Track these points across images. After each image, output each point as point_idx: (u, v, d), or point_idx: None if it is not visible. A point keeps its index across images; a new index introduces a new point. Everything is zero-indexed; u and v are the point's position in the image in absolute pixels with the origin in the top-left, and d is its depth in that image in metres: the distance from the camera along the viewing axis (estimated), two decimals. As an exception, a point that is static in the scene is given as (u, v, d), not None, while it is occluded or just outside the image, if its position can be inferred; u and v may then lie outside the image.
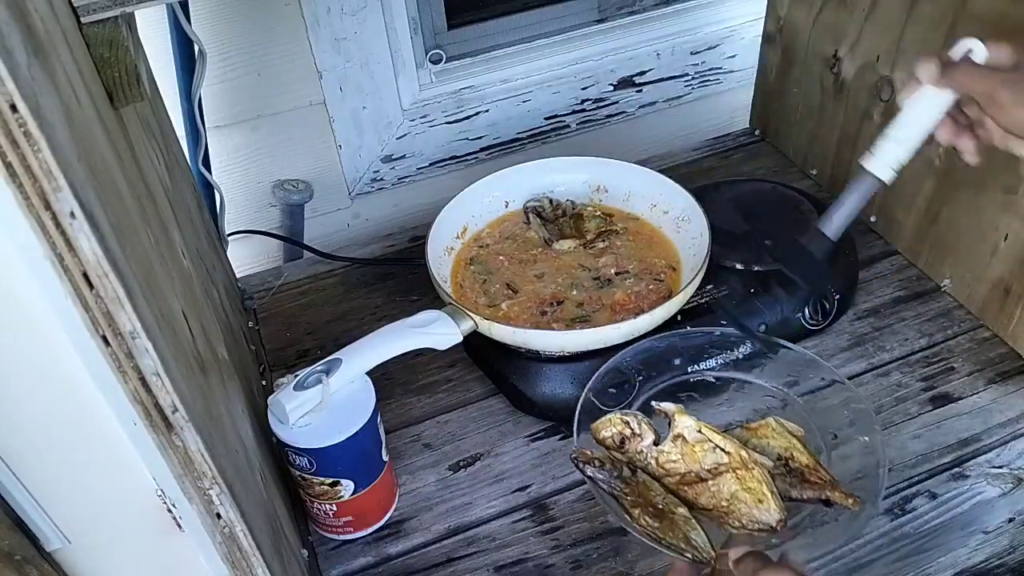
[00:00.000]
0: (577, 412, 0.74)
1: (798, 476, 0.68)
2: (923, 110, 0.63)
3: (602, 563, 0.75)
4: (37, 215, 0.34)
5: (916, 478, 0.79)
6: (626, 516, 0.67)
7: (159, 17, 0.90)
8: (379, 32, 1.10)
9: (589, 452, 0.70)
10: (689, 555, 0.65)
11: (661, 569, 0.74)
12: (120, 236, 0.40)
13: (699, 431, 0.69)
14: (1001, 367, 0.88)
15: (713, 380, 0.81)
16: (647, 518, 0.67)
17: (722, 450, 0.68)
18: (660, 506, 0.68)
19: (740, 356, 0.82)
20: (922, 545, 0.74)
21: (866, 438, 0.73)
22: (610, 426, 0.71)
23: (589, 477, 0.69)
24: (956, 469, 0.79)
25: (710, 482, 0.67)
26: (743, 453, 0.67)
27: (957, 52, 0.62)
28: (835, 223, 0.70)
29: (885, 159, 0.65)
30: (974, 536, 0.74)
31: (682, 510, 0.68)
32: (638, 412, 0.73)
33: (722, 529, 0.68)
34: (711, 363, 0.84)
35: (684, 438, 0.69)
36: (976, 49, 0.62)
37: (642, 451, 0.70)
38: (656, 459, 0.70)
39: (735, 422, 0.74)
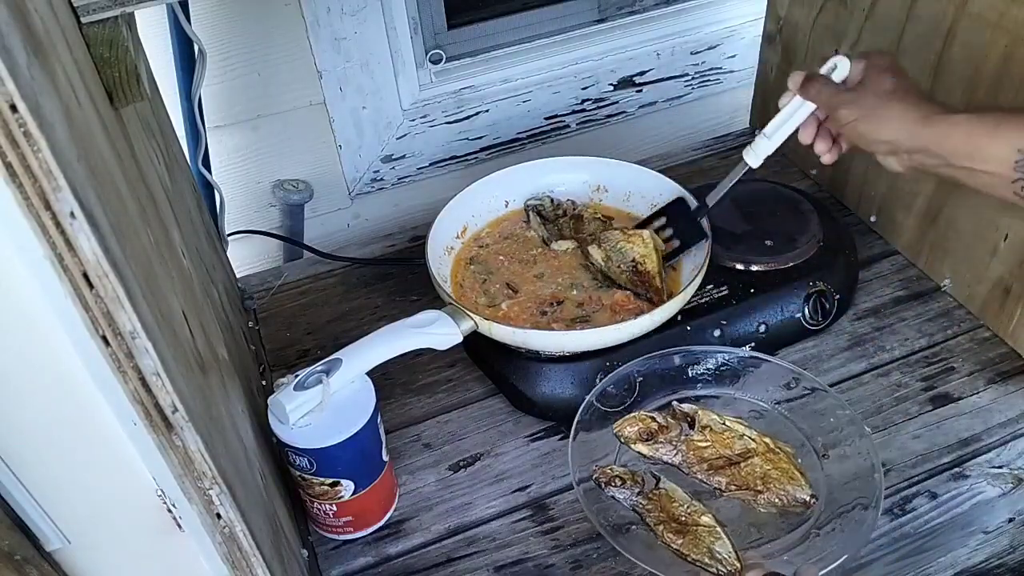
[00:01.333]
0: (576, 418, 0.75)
1: (639, 276, 0.86)
2: (788, 115, 0.75)
3: (602, 563, 0.75)
4: (37, 215, 0.34)
5: (916, 478, 0.79)
6: (650, 533, 0.70)
7: (159, 17, 0.90)
8: (379, 32, 1.10)
9: (609, 471, 0.73)
10: (714, 570, 0.66)
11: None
12: (120, 236, 0.40)
13: (724, 423, 0.75)
14: (1001, 367, 0.88)
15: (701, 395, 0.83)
16: (670, 535, 0.70)
17: (749, 437, 0.75)
18: (683, 518, 0.70)
19: (724, 370, 0.83)
20: (922, 545, 0.74)
21: (857, 442, 0.75)
22: (636, 422, 0.76)
23: (612, 497, 0.73)
24: (956, 469, 0.79)
25: (742, 464, 0.74)
26: (767, 440, 0.75)
27: (825, 68, 0.72)
28: (714, 196, 0.85)
29: (756, 151, 0.79)
30: (974, 536, 0.74)
31: (706, 519, 0.70)
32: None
33: (756, 509, 0.71)
34: (711, 364, 0.84)
35: (711, 428, 0.76)
36: (840, 66, 0.71)
37: (672, 441, 0.75)
38: (687, 446, 0.75)
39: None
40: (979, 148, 0.62)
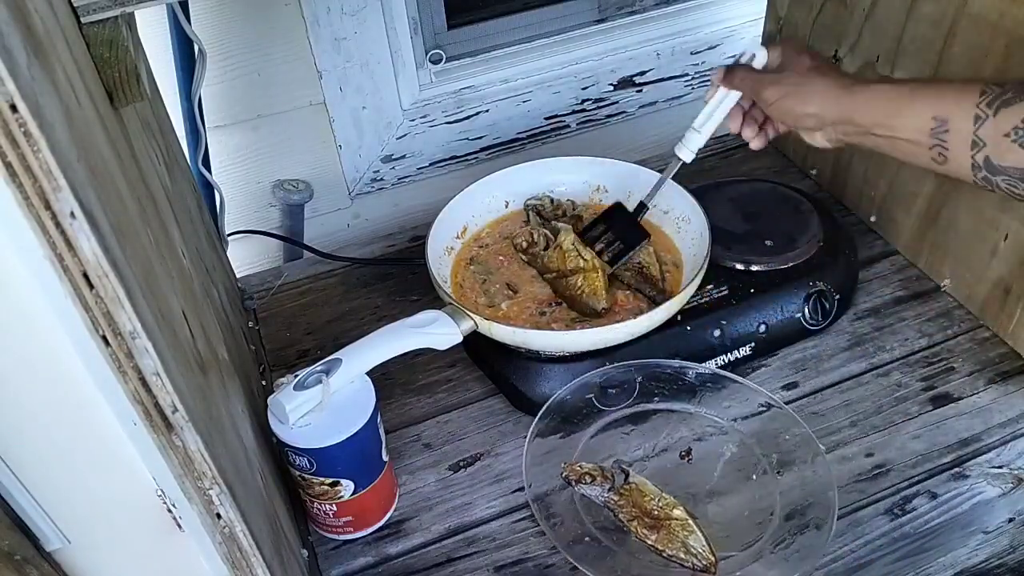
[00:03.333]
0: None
1: (644, 277, 0.89)
2: (715, 106, 0.78)
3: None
4: (37, 215, 0.34)
5: (916, 478, 0.79)
6: (623, 529, 0.71)
7: (159, 17, 0.90)
8: (379, 32, 1.10)
9: (579, 467, 0.73)
10: (690, 564, 0.66)
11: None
12: (120, 236, 0.40)
13: (573, 244, 0.88)
14: (1001, 367, 0.88)
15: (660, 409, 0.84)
16: (644, 530, 0.70)
17: (583, 258, 0.87)
18: (656, 512, 0.71)
19: (682, 386, 0.84)
20: (922, 545, 0.74)
21: (810, 461, 0.76)
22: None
23: (582, 495, 0.73)
24: (956, 469, 0.79)
25: (570, 278, 0.87)
26: (596, 262, 0.87)
27: (745, 58, 0.76)
28: (650, 196, 0.89)
29: (688, 145, 0.82)
30: (974, 536, 0.74)
31: (678, 512, 0.70)
32: None
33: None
34: (711, 365, 0.84)
35: (561, 247, 0.89)
36: (758, 55, 0.75)
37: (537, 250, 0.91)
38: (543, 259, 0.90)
39: (654, 451, 0.80)
40: (898, 115, 0.64)
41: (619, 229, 0.90)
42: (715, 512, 0.74)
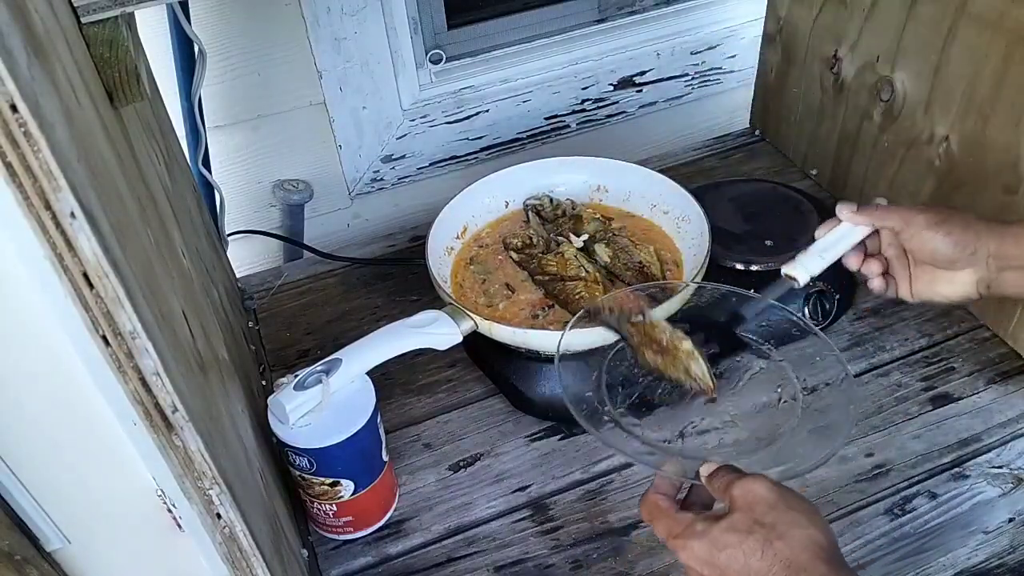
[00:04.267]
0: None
1: (645, 276, 0.88)
2: (840, 238, 0.74)
3: (602, 563, 0.75)
4: (37, 215, 0.34)
5: (916, 478, 0.79)
6: (634, 358, 0.74)
7: (159, 17, 0.90)
8: (379, 32, 1.10)
9: (601, 303, 0.77)
10: (689, 386, 0.72)
11: (661, 569, 0.74)
12: (120, 236, 0.40)
13: (575, 255, 0.90)
14: (1001, 367, 0.88)
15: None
16: (651, 354, 0.74)
17: (585, 269, 0.88)
18: (664, 343, 0.75)
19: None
20: (922, 545, 0.74)
21: (837, 381, 0.74)
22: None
23: (603, 322, 0.76)
24: (956, 469, 0.79)
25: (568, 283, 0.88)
26: (599, 275, 0.88)
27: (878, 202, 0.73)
28: (751, 311, 0.79)
29: (806, 267, 0.75)
30: (974, 536, 0.74)
31: (686, 344, 0.74)
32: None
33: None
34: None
35: (563, 254, 0.90)
36: (881, 200, 0.73)
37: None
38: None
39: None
40: None
41: (715, 336, 0.80)
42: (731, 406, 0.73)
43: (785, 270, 0.76)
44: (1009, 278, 0.66)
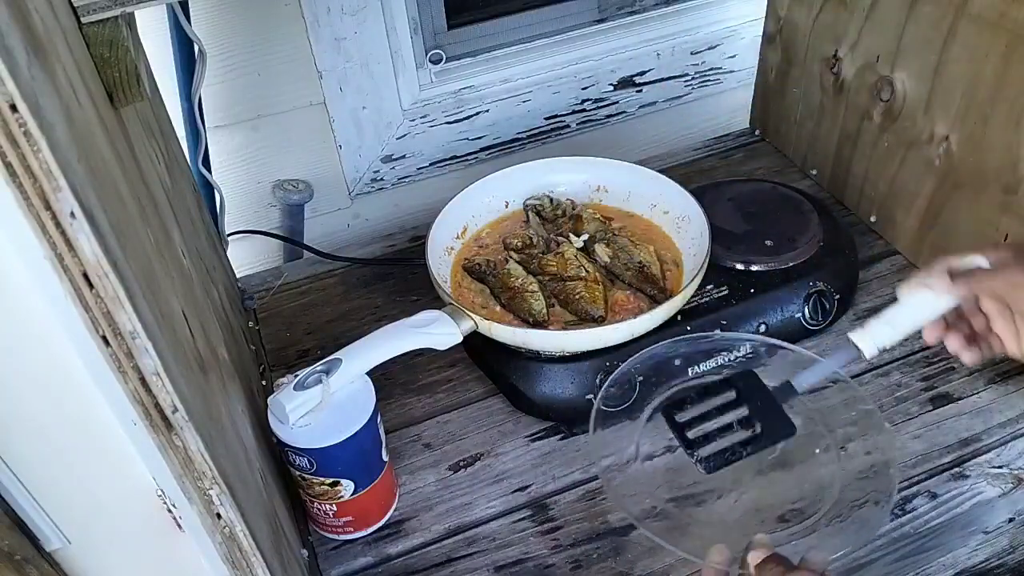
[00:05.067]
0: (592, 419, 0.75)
1: (645, 276, 0.89)
2: (921, 307, 0.65)
3: (602, 563, 0.75)
4: (37, 215, 0.34)
5: (916, 478, 0.79)
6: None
7: (159, 17, 0.90)
8: (379, 32, 1.10)
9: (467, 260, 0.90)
10: (530, 320, 0.84)
11: (661, 569, 0.74)
12: (120, 236, 0.40)
13: (575, 255, 0.91)
14: (1001, 367, 0.88)
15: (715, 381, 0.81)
16: (505, 297, 0.87)
17: (585, 269, 0.89)
18: (515, 287, 0.87)
19: (741, 357, 0.82)
20: (922, 545, 0.74)
21: (874, 437, 0.74)
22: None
23: (477, 264, 0.91)
24: (956, 469, 0.79)
25: (567, 283, 0.89)
26: (599, 275, 0.89)
27: (964, 265, 0.64)
28: (807, 379, 0.71)
29: (874, 337, 0.67)
30: (974, 536, 0.74)
31: (532, 286, 0.87)
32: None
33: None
34: (711, 364, 0.84)
35: (563, 254, 0.91)
36: (981, 263, 0.63)
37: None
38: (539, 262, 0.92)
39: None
40: None
41: (758, 409, 0.71)
42: (774, 481, 0.73)
43: (852, 337, 0.68)
44: None
